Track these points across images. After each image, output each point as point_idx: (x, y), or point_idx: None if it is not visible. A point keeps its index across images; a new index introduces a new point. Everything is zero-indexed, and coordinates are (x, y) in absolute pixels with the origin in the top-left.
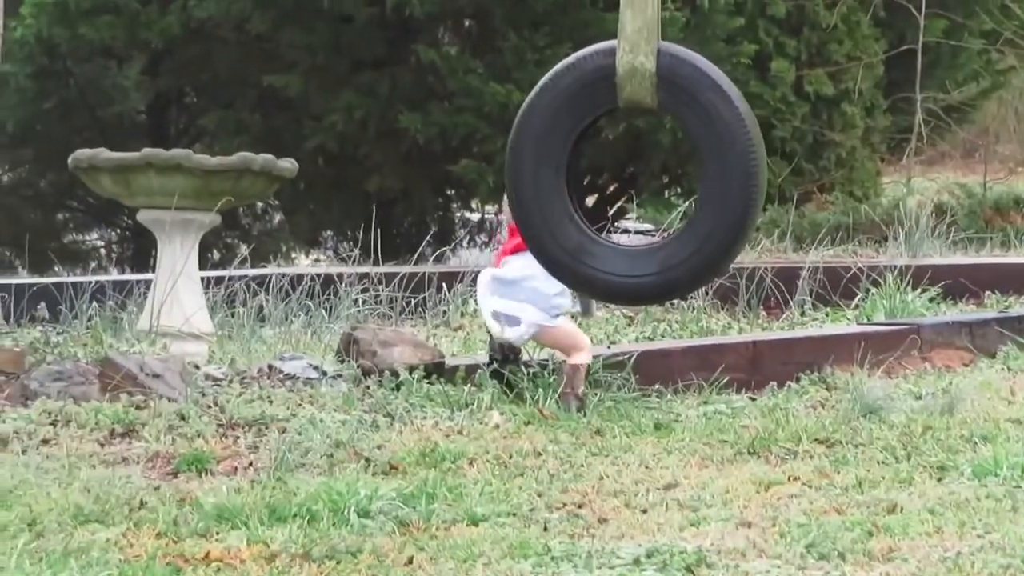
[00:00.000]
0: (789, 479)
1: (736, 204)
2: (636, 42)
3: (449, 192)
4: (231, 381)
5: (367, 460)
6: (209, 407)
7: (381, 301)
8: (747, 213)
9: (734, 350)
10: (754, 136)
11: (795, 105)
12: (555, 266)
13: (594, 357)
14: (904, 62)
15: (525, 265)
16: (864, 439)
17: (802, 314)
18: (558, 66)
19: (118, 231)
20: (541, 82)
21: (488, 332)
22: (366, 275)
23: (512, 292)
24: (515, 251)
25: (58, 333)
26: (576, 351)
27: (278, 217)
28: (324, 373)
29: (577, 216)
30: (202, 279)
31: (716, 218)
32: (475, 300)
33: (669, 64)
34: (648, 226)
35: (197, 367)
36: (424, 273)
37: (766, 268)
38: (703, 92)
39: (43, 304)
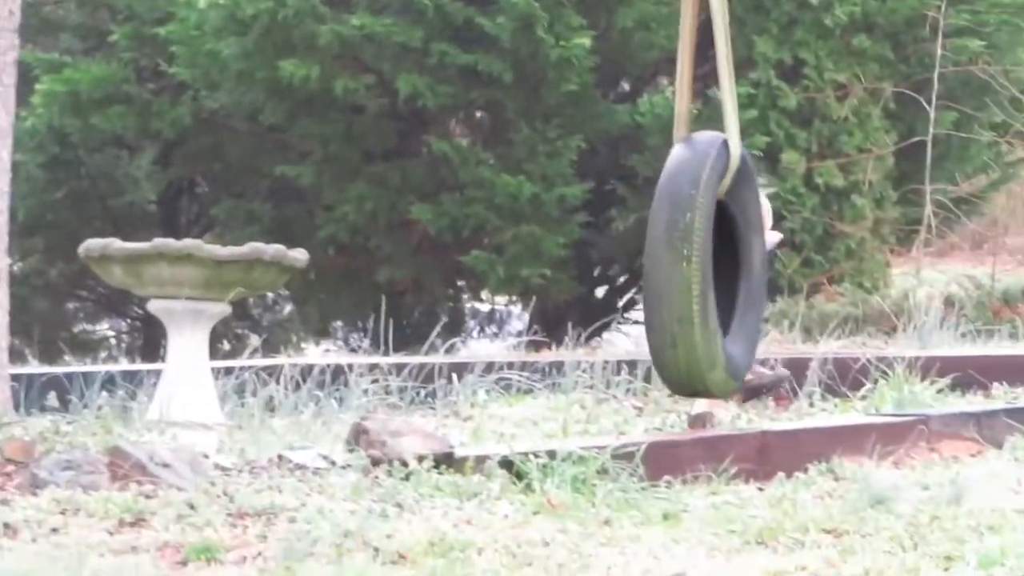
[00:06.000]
0: (796, 569)
1: (763, 284)
2: (735, 133)
3: (460, 283)
4: (241, 471)
5: (376, 549)
6: (218, 496)
7: (391, 391)
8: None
9: (743, 441)
10: None
11: (805, 197)
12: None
13: (601, 448)
14: (914, 154)
15: None
16: (871, 529)
17: (811, 405)
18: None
19: (128, 321)
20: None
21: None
22: (376, 365)
23: None
24: None
25: (68, 423)
26: None
27: (289, 307)
28: (333, 463)
29: None
30: (212, 369)
31: (759, 295)
32: None
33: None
34: None
35: (207, 457)
36: (434, 364)
37: (776, 359)
38: (753, 180)
39: (53, 393)
